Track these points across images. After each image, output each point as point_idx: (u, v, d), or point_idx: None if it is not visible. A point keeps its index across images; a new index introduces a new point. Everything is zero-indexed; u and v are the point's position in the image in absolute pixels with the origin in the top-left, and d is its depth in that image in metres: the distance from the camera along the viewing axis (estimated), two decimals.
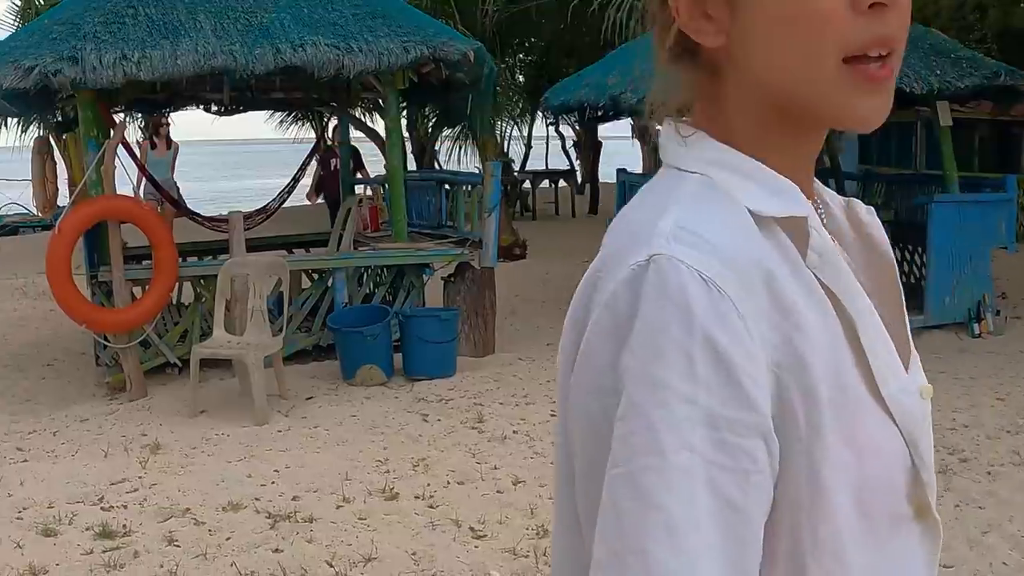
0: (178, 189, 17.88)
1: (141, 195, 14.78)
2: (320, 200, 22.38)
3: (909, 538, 1.39)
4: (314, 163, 18.80)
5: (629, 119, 23.54)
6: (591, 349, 1.27)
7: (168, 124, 19.06)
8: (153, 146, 18.40)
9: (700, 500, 1.17)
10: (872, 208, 1.58)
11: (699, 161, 1.40)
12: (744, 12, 1.34)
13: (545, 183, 32.76)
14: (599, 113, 18.05)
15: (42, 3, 28.63)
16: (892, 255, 1.56)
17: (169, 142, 18.96)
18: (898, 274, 1.56)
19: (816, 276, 1.33)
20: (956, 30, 19.64)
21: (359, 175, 19.02)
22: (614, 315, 1.25)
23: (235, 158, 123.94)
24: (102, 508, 8.07)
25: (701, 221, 1.29)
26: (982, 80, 13.68)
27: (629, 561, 1.17)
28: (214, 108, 16.32)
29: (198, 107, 16.52)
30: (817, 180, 1.54)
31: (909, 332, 1.50)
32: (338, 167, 18.82)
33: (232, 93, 14.56)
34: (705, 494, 1.17)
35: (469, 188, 14.30)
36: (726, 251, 1.26)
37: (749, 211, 1.33)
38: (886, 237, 1.57)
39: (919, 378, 1.45)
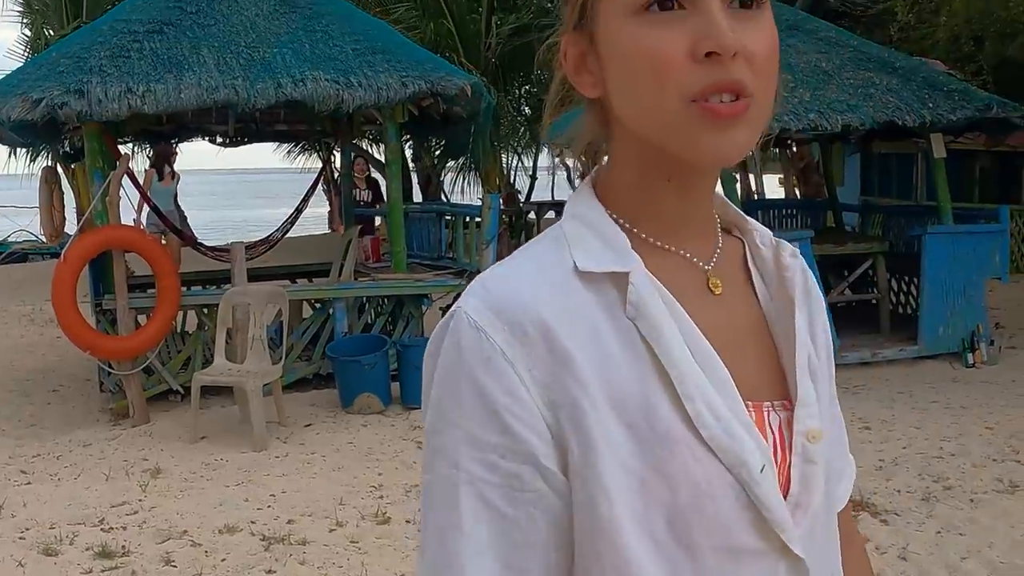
0: (185, 218, 17.98)
1: (143, 223, 14.99)
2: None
3: (763, 572, 1.43)
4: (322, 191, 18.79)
5: None
6: (424, 380, 1.47)
7: (175, 155, 19.09)
8: (160, 177, 18.42)
9: (465, 509, 1.36)
10: (796, 251, 1.64)
11: (570, 214, 1.54)
12: (606, 63, 1.45)
13: (551, 213, 32.88)
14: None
15: (51, 34, 28.87)
16: (798, 299, 1.58)
17: (173, 172, 19.01)
18: (801, 318, 1.57)
19: (635, 325, 1.42)
20: (953, 62, 19.81)
21: (379, 207, 19.03)
22: (431, 354, 1.45)
23: (243, 187, 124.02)
24: (102, 529, 8.23)
25: (504, 276, 1.45)
26: (974, 112, 13.85)
27: (418, 555, 1.42)
28: (219, 140, 16.53)
29: (203, 138, 16.72)
30: (749, 217, 1.66)
31: (803, 375, 1.53)
32: (366, 199, 19.05)
33: (236, 125, 14.79)
34: (470, 503, 1.36)
35: (468, 220, 14.47)
36: (502, 303, 1.39)
37: (576, 266, 1.45)
38: (800, 281, 1.61)
39: (808, 422, 1.50)
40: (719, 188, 1.63)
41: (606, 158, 1.60)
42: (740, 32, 1.35)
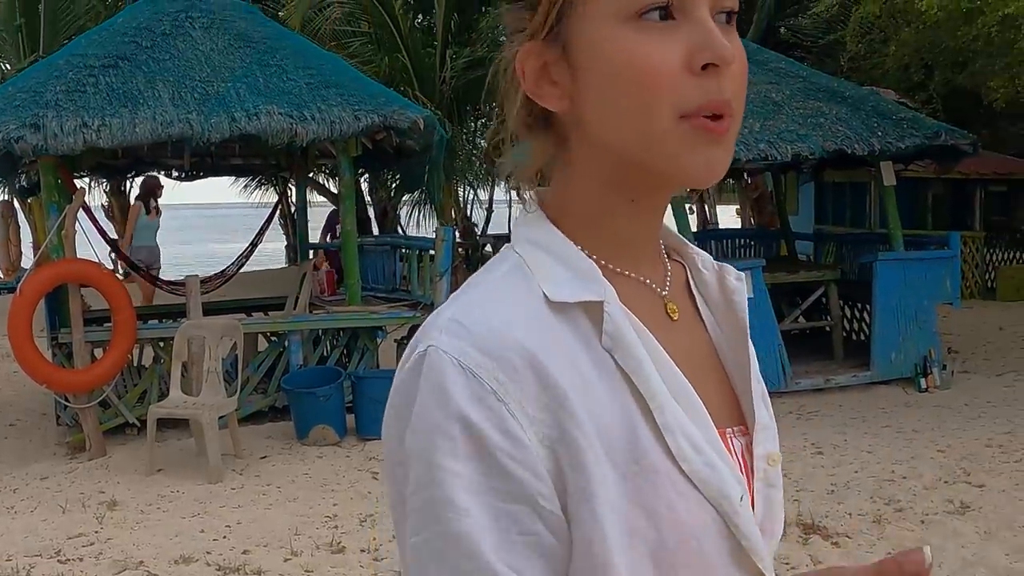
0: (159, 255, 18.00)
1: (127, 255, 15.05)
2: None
3: None
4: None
5: None
6: (387, 431, 1.40)
7: (162, 188, 19.04)
8: (148, 211, 18.36)
9: (481, 558, 1.27)
10: (742, 275, 1.62)
11: (525, 240, 1.46)
12: (583, 73, 1.38)
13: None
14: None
15: (8, 68, 28.89)
16: (746, 321, 1.59)
17: (158, 207, 18.98)
18: (749, 341, 1.58)
19: (612, 356, 1.38)
20: (903, 91, 20.01)
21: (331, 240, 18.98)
22: (401, 400, 1.37)
23: (199, 222, 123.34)
24: (59, 561, 8.25)
25: (474, 311, 1.37)
26: (923, 140, 14.06)
27: None
28: (175, 174, 16.54)
29: (159, 172, 16.75)
30: (690, 243, 1.63)
31: (757, 399, 1.53)
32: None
33: (192, 159, 14.81)
34: (485, 553, 1.27)
35: (422, 253, 14.53)
36: (486, 340, 1.32)
37: (546, 295, 1.39)
38: (746, 303, 1.61)
39: (767, 445, 1.50)
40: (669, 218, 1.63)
41: (553, 181, 1.52)
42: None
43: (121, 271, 18.92)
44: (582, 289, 1.40)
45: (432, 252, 13.75)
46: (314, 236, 18.67)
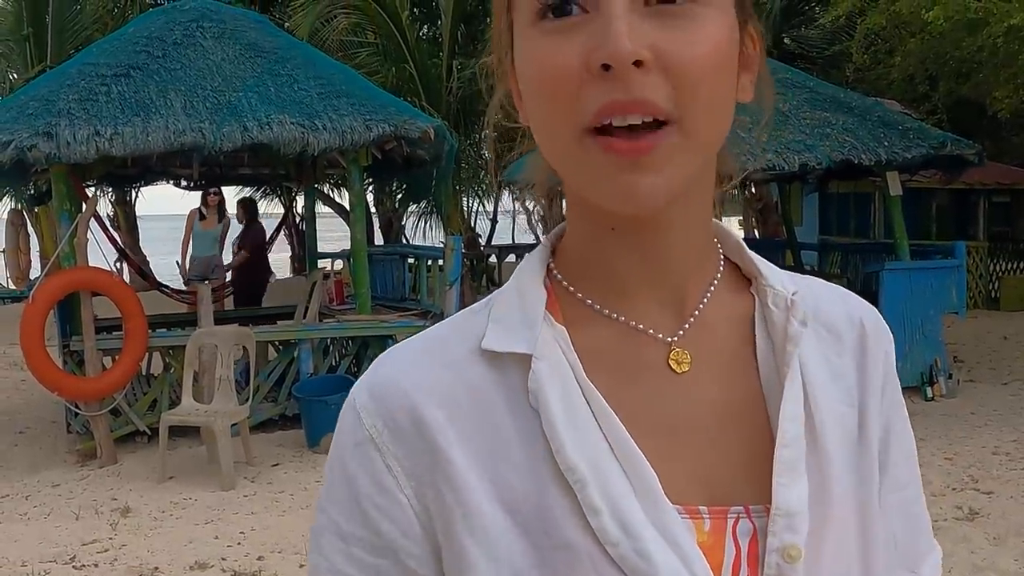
0: (217, 267, 17.54)
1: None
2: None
3: None
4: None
5: None
6: None
7: (217, 194, 17.89)
8: (202, 217, 17.58)
9: None
10: (809, 314, 1.34)
11: (514, 274, 1.35)
12: (519, 83, 1.25)
13: (511, 257, 32.91)
14: (561, 187, 18.31)
15: (15, 78, 28.96)
16: (790, 379, 1.28)
17: (221, 215, 18.05)
18: (792, 403, 1.27)
19: (539, 415, 1.23)
20: (908, 102, 20.07)
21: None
22: None
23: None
24: (74, 567, 8.31)
25: (396, 354, 1.32)
26: (929, 150, 14.09)
27: None
28: (184, 183, 16.60)
29: (168, 182, 16.79)
30: (769, 269, 1.37)
31: (783, 474, 1.24)
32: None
33: (201, 168, 14.85)
34: None
35: (431, 262, 14.60)
36: (380, 386, 1.27)
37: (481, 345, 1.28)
38: (799, 355, 1.30)
39: (786, 536, 1.21)
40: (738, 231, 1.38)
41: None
42: (657, 36, 1.10)
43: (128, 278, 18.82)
44: (518, 338, 1.26)
45: (441, 262, 13.80)
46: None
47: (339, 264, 17.07)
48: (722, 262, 1.37)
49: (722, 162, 1.31)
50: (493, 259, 29.84)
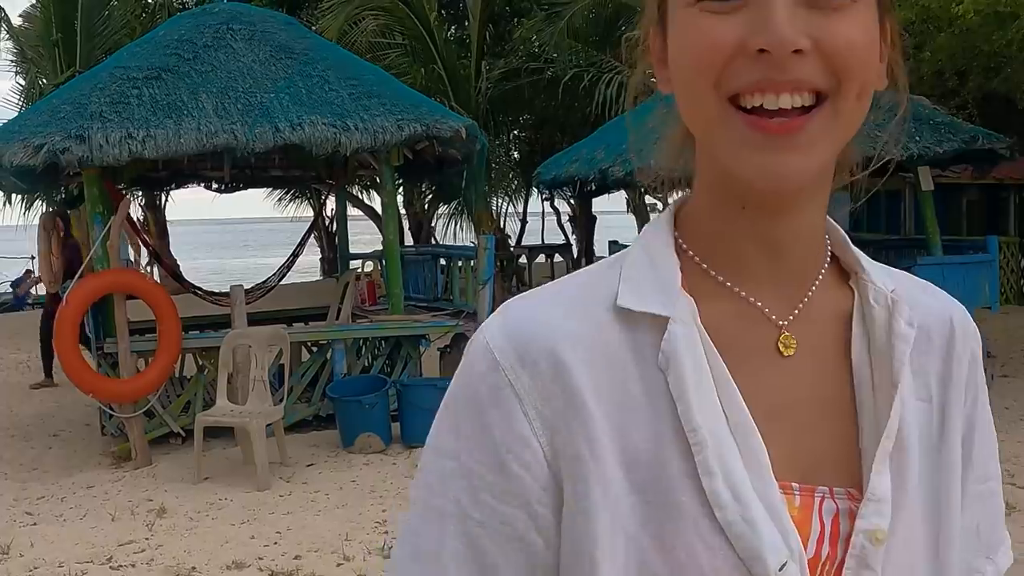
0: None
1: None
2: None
3: None
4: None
5: (624, 193, 23.79)
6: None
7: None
8: None
9: (448, 542, 1.27)
10: (912, 323, 1.37)
11: (639, 240, 1.39)
12: (671, 49, 1.29)
13: (541, 258, 32.90)
14: (592, 187, 18.33)
15: (45, 83, 29.12)
16: (904, 377, 1.34)
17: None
18: (901, 400, 1.33)
19: (665, 377, 1.27)
20: (937, 97, 19.97)
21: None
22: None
23: (230, 237, 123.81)
24: (111, 567, 8.34)
25: (530, 300, 1.34)
26: (961, 145, 14.05)
27: (389, 567, 1.34)
28: (215, 185, 16.64)
29: (199, 184, 16.84)
30: (870, 265, 1.42)
31: (880, 463, 1.30)
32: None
33: (232, 171, 14.89)
34: (455, 539, 1.27)
35: (463, 262, 14.62)
36: (518, 329, 1.29)
37: (617, 300, 1.31)
38: (908, 354, 1.35)
39: (873, 520, 1.28)
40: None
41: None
42: (814, 25, 1.17)
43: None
44: (654, 300, 1.30)
45: (472, 262, 13.82)
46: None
47: (369, 266, 17.10)
48: (829, 253, 1.41)
49: (847, 151, 1.35)
50: (523, 259, 29.90)
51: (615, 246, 16.65)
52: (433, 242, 30.55)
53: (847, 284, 1.41)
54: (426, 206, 31.91)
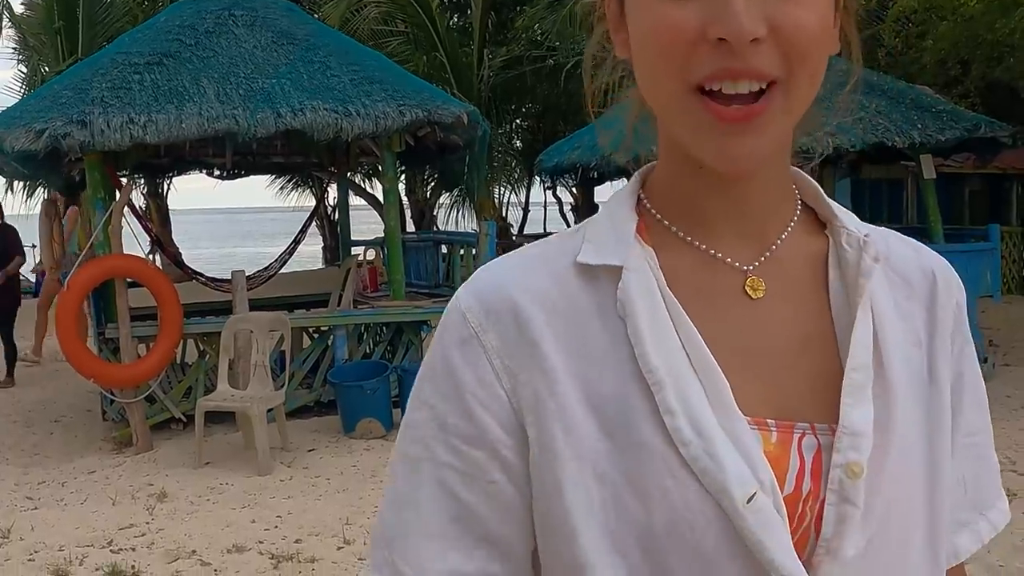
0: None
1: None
2: None
3: None
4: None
5: (626, 180, 23.91)
6: None
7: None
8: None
9: (423, 487, 1.35)
10: (883, 252, 1.43)
11: (605, 203, 1.47)
12: (630, 32, 1.33)
13: None
14: (594, 175, 18.30)
15: (47, 71, 29.12)
16: (861, 308, 1.37)
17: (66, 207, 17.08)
18: (863, 330, 1.36)
19: (624, 323, 1.33)
20: (940, 85, 19.99)
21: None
22: None
23: (232, 226, 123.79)
24: (111, 551, 8.35)
25: (498, 262, 1.43)
26: (963, 132, 14.02)
27: (377, 516, 1.42)
28: (216, 172, 16.65)
29: (200, 171, 16.84)
30: (842, 213, 1.46)
31: (851, 395, 1.32)
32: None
33: (234, 157, 14.90)
34: (430, 484, 1.35)
35: (464, 248, 14.62)
36: (485, 288, 1.38)
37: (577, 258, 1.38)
38: (871, 287, 1.39)
39: (850, 454, 1.28)
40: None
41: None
42: (771, 10, 1.20)
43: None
44: (610, 253, 1.37)
45: (474, 249, 13.82)
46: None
47: (371, 253, 17.10)
48: (799, 205, 1.47)
49: (804, 116, 1.37)
50: None
51: None
52: (435, 229, 30.56)
53: (822, 232, 1.46)
54: (428, 193, 31.89)
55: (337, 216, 18.98)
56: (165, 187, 33.84)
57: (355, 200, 25.75)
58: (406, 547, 1.35)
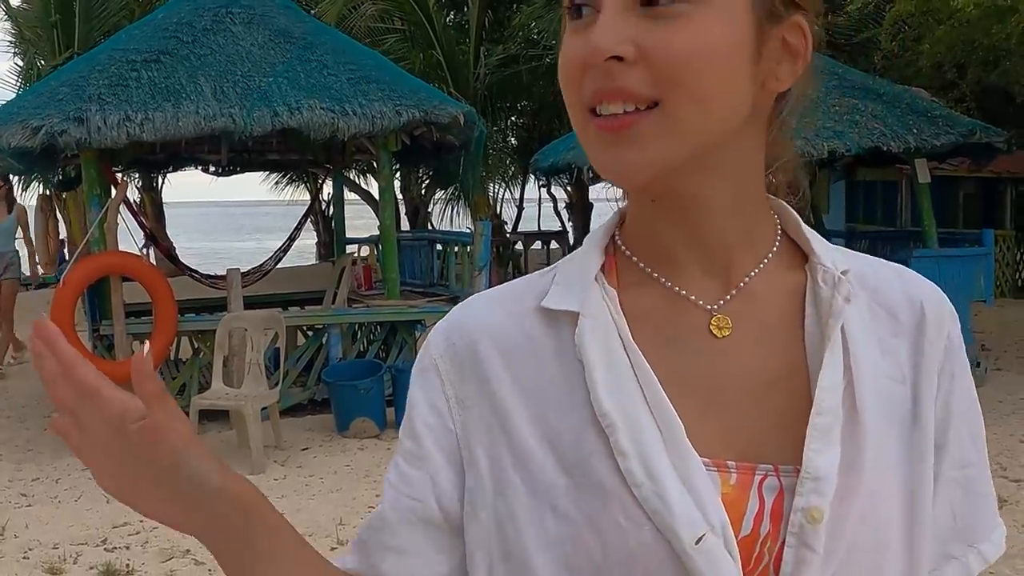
0: (11, 265, 16.38)
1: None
2: None
3: None
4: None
5: None
6: None
7: (4, 183, 16.70)
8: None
9: (387, 511, 1.44)
10: (848, 297, 1.38)
11: (585, 240, 1.50)
12: None
13: (537, 244, 32.92)
14: (589, 174, 18.30)
15: (43, 64, 29.09)
16: (830, 349, 1.35)
17: (11, 205, 16.74)
18: (831, 372, 1.33)
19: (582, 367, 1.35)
20: (936, 89, 19.98)
21: None
22: None
23: (227, 220, 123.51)
24: (105, 549, 8.38)
25: (472, 301, 1.49)
26: (958, 137, 14.05)
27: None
28: (212, 169, 16.65)
29: (196, 168, 16.85)
30: (822, 246, 1.42)
31: (816, 439, 1.30)
32: None
33: (230, 154, 14.90)
34: (392, 510, 1.43)
35: (459, 247, 14.64)
36: (452, 323, 1.46)
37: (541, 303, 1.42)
38: (842, 328, 1.37)
39: (812, 499, 1.28)
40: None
41: None
42: (644, 34, 1.24)
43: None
44: (571, 298, 1.39)
45: (469, 247, 13.84)
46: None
47: (365, 250, 17.11)
48: (779, 238, 1.44)
49: (776, 147, 1.43)
50: (519, 246, 29.88)
51: None
52: (430, 227, 30.56)
53: (803, 267, 1.43)
54: (423, 191, 31.90)
55: (332, 212, 18.95)
56: (160, 181, 33.83)
57: (350, 196, 25.76)
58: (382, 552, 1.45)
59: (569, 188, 30.95)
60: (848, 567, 1.29)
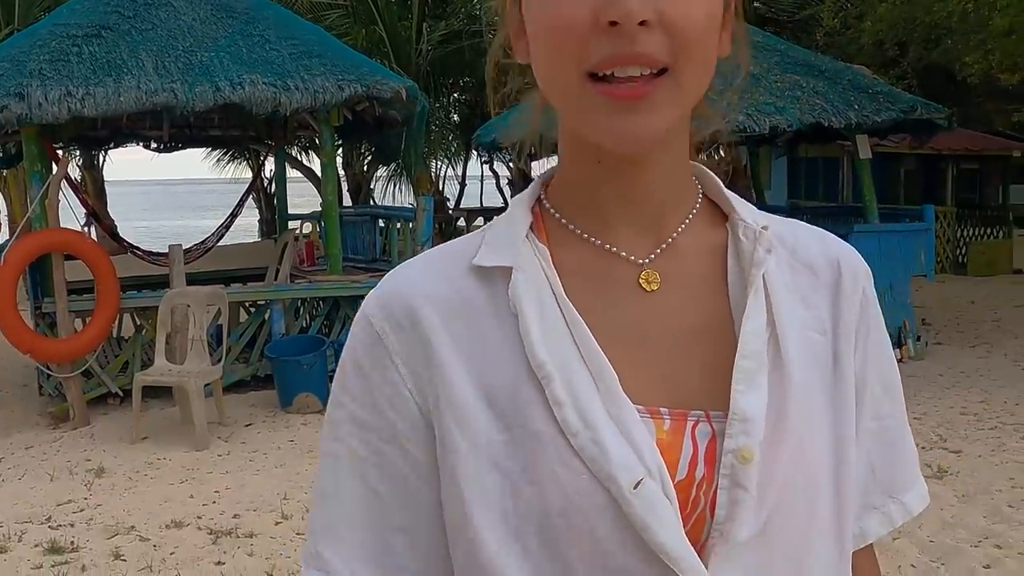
0: None
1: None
2: None
3: None
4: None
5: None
6: None
7: None
8: None
9: (344, 482, 1.42)
10: (769, 248, 1.43)
11: (510, 204, 1.51)
12: (527, 22, 1.35)
13: (479, 220, 32.92)
14: (531, 151, 18.30)
15: None
16: (751, 299, 1.39)
17: None
18: (755, 320, 1.37)
19: (517, 321, 1.36)
20: (877, 66, 20.12)
21: None
22: None
23: (169, 198, 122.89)
24: (50, 527, 8.34)
25: (401, 268, 1.48)
26: (899, 114, 14.14)
27: (311, 510, 1.49)
28: (153, 145, 16.56)
29: (138, 144, 16.74)
30: (741, 206, 1.48)
31: (740, 383, 1.33)
32: None
33: (171, 130, 14.83)
34: (350, 478, 1.42)
35: (401, 223, 14.63)
36: (386, 293, 1.43)
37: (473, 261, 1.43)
38: (763, 277, 1.41)
39: (740, 439, 1.30)
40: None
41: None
42: (664, 1, 1.24)
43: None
44: (503, 255, 1.41)
45: (411, 223, 13.83)
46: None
47: (307, 227, 17.07)
48: (700, 199, 1.50)
49: (704, 115, 1.47)
50: (462, 222, 29.87)
51: None
52: (372, 203, 30.50)
53: (723, 225, 1.48)
54: (365, 167, 31.83)
55: (274, 189, 18.90)
56: (101, 159, 33.60)
57: (292, 173, 25.68)
58: (329, 538, 1.43)
59: (511, 164, 30.98)
60: (781, 510, 1.32)
